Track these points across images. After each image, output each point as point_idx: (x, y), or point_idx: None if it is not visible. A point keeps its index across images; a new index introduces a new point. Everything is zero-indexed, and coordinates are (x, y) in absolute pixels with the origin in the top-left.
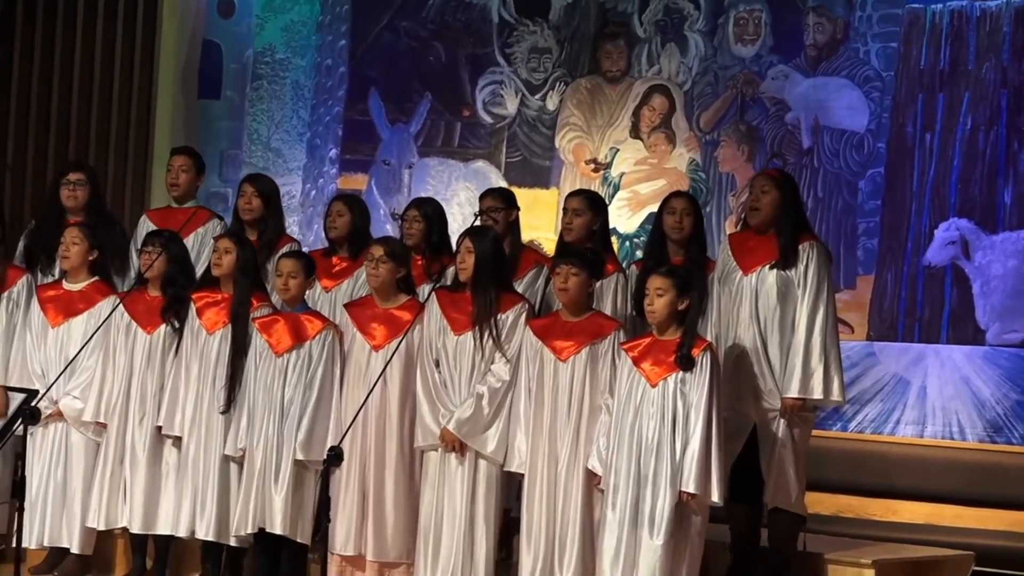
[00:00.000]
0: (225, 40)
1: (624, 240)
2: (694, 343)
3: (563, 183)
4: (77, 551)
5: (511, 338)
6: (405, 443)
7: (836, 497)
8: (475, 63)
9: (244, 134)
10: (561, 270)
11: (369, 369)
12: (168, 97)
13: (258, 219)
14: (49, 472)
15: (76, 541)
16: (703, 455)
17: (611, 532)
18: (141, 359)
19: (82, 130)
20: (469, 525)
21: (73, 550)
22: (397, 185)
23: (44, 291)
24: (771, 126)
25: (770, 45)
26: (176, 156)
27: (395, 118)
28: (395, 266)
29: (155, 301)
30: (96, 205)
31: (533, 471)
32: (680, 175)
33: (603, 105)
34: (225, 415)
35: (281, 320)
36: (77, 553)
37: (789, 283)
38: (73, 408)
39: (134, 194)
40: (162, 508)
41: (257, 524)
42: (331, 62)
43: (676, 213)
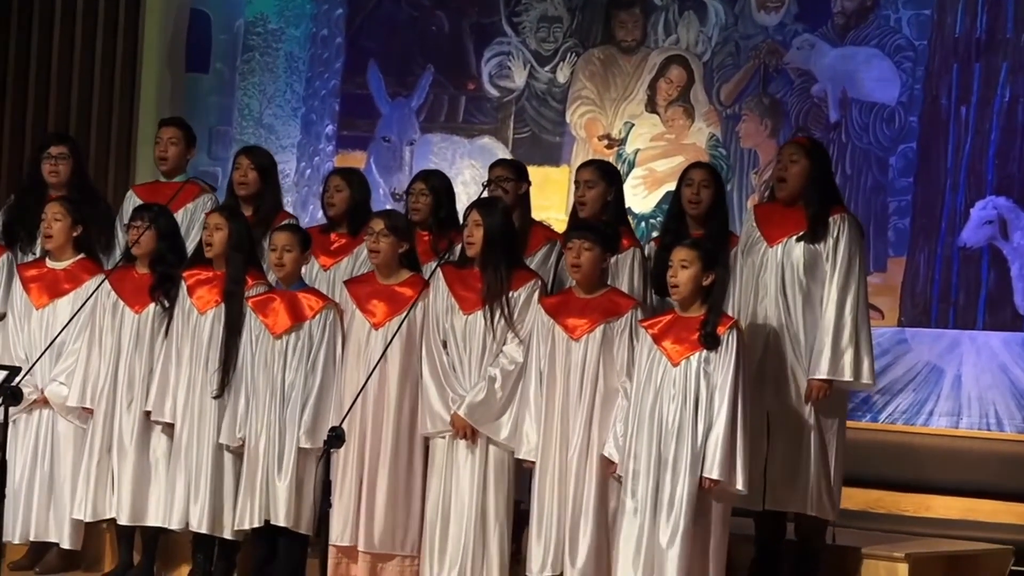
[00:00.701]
0: (214, 9)
1: (640, 221)
2: (719, 320)
3: (574, 160)
4: (67, 546)
5: (524, 317)
6: (403, 428)
7: (866, 492)
8: (481, 33)
9: (234, 109)
10: (573, 245)
11: (368, 348)
12: (153, 70)
13: (254, 194)
14: (35, 463)
15: (65, 535)
16: (728, 440)
17: (630, 521)
18: (129, 340)
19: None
20: (480, 517)
21: (63, 545)
22: (398, 163)
23: (26, 270)
24: (796, 99)
25: (795, 13)
26: (165, 127)
27: (395, 92)
28: (397, 240)
29: (143, 279)
30: (79, 180)
31: (544, 458)
32: (699, 151)
33: (617, 77)
34: (218, 400)
35: (277, 299)
36: (65, 548)
37: (817, 257)
38: (59, 395)
39: (118, 173)
40: (151, 499)
41: (263, 516)
42: (327, 32)
43: (693, 184)
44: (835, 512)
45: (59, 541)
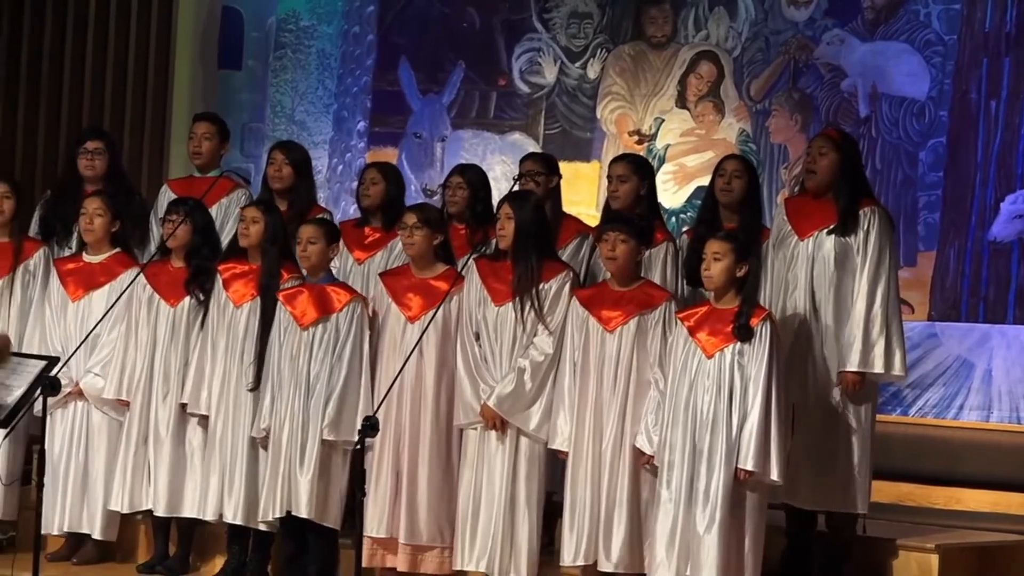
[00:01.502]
0: (246, 6)
1: (670, 216)
2: (753, 312)
3: (605, 155)
4: (100, 537)
5: (554, 309)
6: (441, 420)
7: (897, 485)
8: (511, 29)
9: (267, 106)
10: (608, 237)
11: (404, 341)
12: (186, 68)
13: (288, 188)
14: (70, 455)
15: (98, 526)
16: (762, 431)
17: (665, 512)
18: (164, 333)
19: (96, 101)
20: (510, 507)
21: (95, 536)
22: (429, 159)
23: (63, 264)
24: (826, 94)
25: (825, 8)
26: (199, 123)
27: (427, 88)
28: (430, 232)
29: (179, 272)
30: (115, 174)
31: (578, 449)
32: (729, 146)
33: (647, 73)
34: (254, 392)
35: (305, 291)
36: (98, 539)
37: (848, 249)
38: (94, 386)
39: (151, 168)
40: (187, 490)
41: (284, 508)
42: (359, 29)
43: (726, 174)
44: (865, 504)
45: (92, 532)
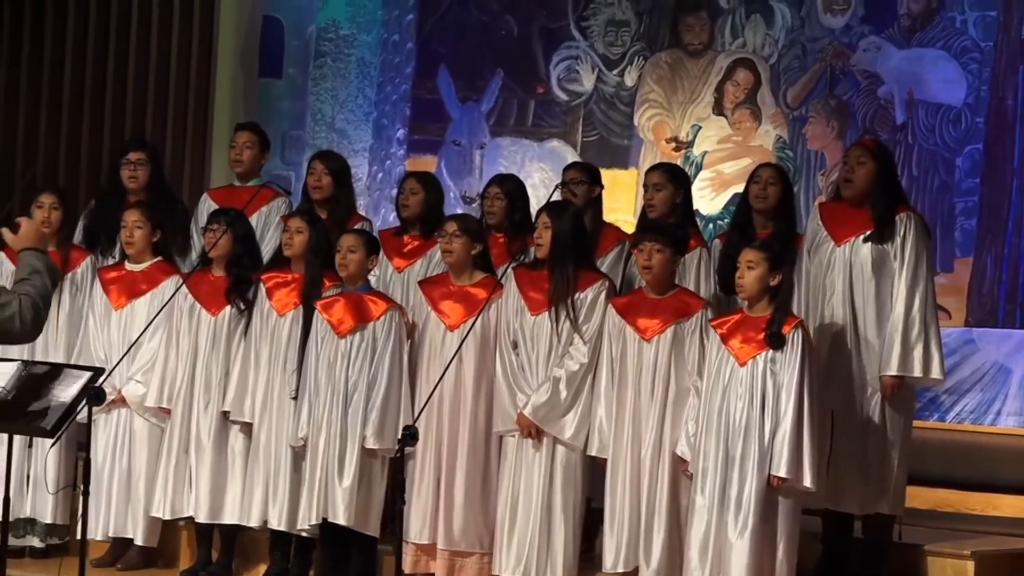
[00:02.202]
0: (286, 15)
1: (707, 222)
2: (785, 320)
3: (643, 163)
4: (141, 543)
5: (590, 318)
6: (479, 427)
7: (933, 491)
8: (549, 37)
9: (307, 114)
10: (644, 247)
11: (443, 349)
12: (227, 76)
13: (328, 198)
14: (113, 461)
15: (140, 532)
16: (795, 438)
17: (700, 518)
18: (206, 342)
19: (138, 109)
20: (546, 514)
21: (137, 541)
22: (468, 167)
23: (106, 273)
24: (862, 101)
25: (861, 15)
26: (240, 132)
27: (465, 96)
28: (470, 241)
29: (219, 282)
30: (157, 184)
31: (617, 455)
32: (766, 153)
33: (684, 80)
34: (296, 400)
35: (343, 300)
36: (141, 545)
37: (885, 256)
38: (136, 394)
39: (193, 177)
40: (228, 497)
41: (320, 514)
42: (398, 37)
43: (761, 181)
44: (900, 507)
45: (135, 538)
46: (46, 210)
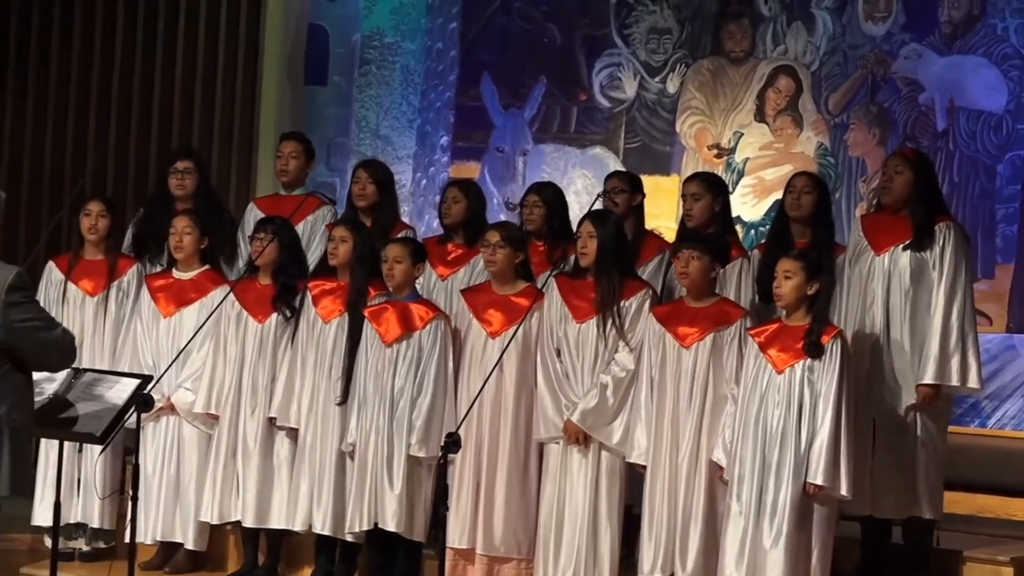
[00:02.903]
0: (332, 24)
1: (749, 229)
2: (823, 329)
3: (684, 169)
4: (191, 546)
5: (635, 326)
6: (520, 434)
7: (974, 497)
8: (592, 45)
9: (352, 121)
10: (682, 255)
11: (485, 356)
12: (273, 83)
13: (372, 206)
14: (162, 466)
15: (190, 536)
16: (832, 447)
17: (735, 524)
18: (252, 349)
19: (185, 117)
20: (592, 520)
21: (187, 545)
22: (511, 173)
23: (154, 280)
24: (904, 108)
25: (902, 23)
26: (286, 142)
27: (509, 103)
28: (512, 251)
29: (266, 290)
30: (204, 192)
31: (655, 462)
32: (808, 160)
33: (726, 88)
34: (342, 407)
35: (390, 309)
36: (190, 549)
37: (924, 265)
38: (185, 400)
39: (239, 183)
40: (275, 501)
41: (371, 521)
42: (442, 45)
43: (795, 191)
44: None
45: (184, 542)
46: (93, 217)
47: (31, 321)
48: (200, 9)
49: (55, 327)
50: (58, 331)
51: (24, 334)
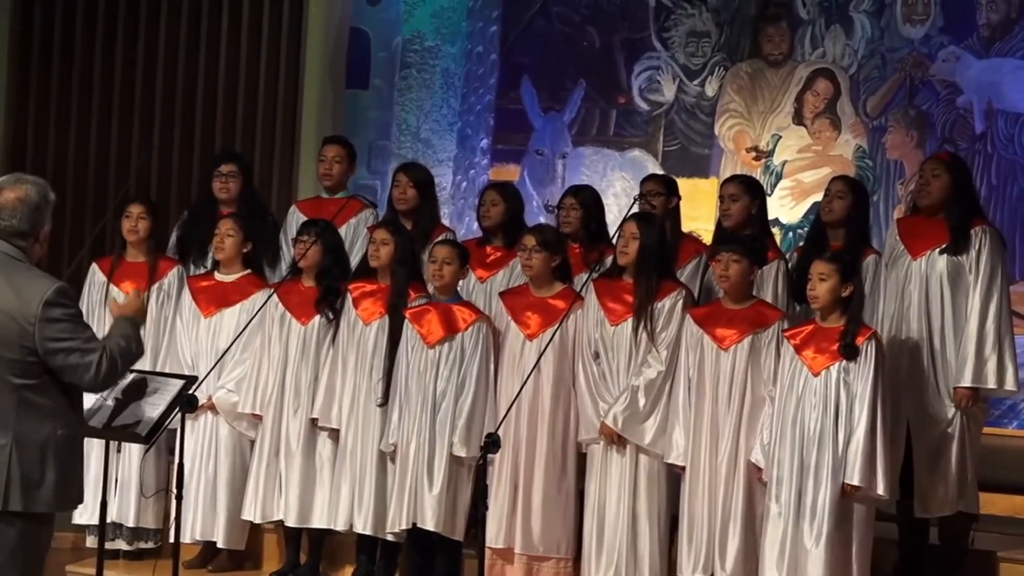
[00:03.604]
0: (373, 28)
1: (787, 231)
2: (858, 331)
3: (723, 172)
4: (224, 545)
5: (667, 326)
6: (557, 435)
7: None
8: (631, 48)
9: (393, 124)
10: (721, 257)
11: (523, 358)
12: (315, 87)
13: (413, 209)
14: (200, 466)
15: (227, 535)
16: (868, 447)
17: (774, 525)
18: (296, 350)
19: (228, 120)
20: (631, 520)
21: (220, 544)
22: (551, 175)
23: (196, 282)
24: (942, 110)
25: (940, 25)
26: (329, 146)
27: (548, 106)
28: (549, 255)
29: (309, 292)
30: (248, 195)
31: (694, 463)
32: (846, 162)
33: (764, 90)
34: (382, 408)
35: (432, 310)
36: (224, 547)
37: (960, 268)
38: (227, 401)
39: (281, 185)
40: (317, 501)
41: (411, 520)
42: (482, 49)
43: (829, 195)
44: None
45: (218, 541)
46: (133, 220)
47: (65, 342)
48: (243, 14)
49: (92, 352)
50: (94, 356)
51: (57, 356)
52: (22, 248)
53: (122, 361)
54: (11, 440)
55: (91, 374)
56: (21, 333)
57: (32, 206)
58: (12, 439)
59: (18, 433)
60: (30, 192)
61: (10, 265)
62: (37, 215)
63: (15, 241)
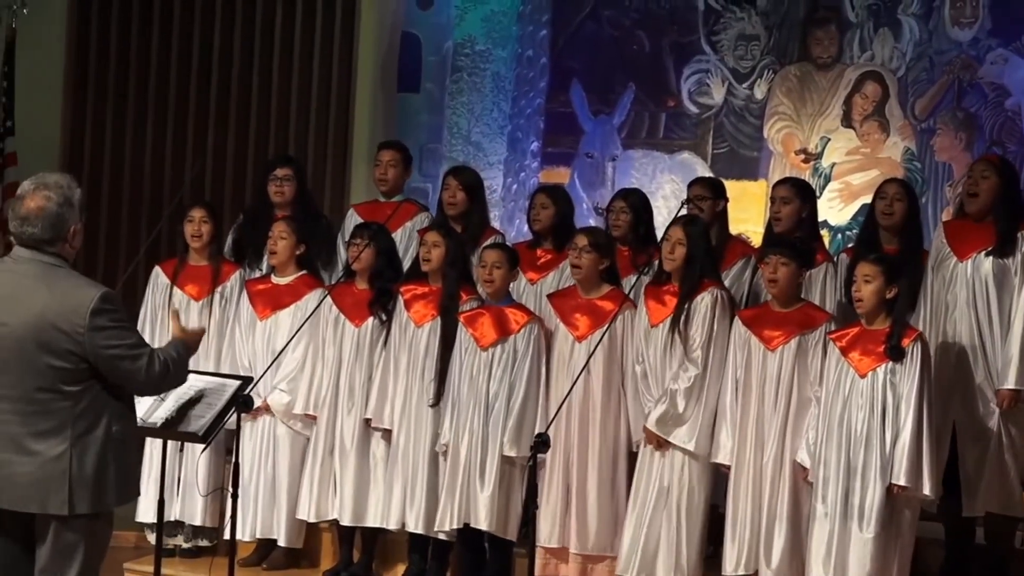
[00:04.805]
0: (424, 32)
1: (836, 233)
2: (904, 333)
3: (772, 174)
4: (285, 544)
5: (700, 325)
6: (608, 435)
7: None
8: (680, 52)
9: (444, 128)
10: (770, 260)
11: (572, 360)
12: (367, 91)
13: (462, 213)
14: (260, 466)
15: (284, 534)
16: (914, 447)
17: (821, 525)
18: (349, 351)
19: (281, 124)
20: (676, 519)
21: (281, 543)
22: (600, 178)
23: (253, 285)
24: (990, 113)
25: (988, 28)
26: (384, 150)
27: (598, 109)
28: (599, 256)
29: (363, 294)
30: (303, 199)
31: (740, 462)
32: (894, 165)
33: (813, 93)
34: (434, 408)
35: (486, 314)
36: (284, 546)
37: (1006, 271)
38: (281, 402)
39: (334, 188)
40: (371, 500)
41: (462, 519)
42: (532, 53)
43: (887, 198)
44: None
45: (279, 539)
46: (196, 224)
47: (114, 349)
48: (296, 20)
49: (140, 356)
50: (143, 360)
51: (108, 362)
52: (54, 253)
53: (173, 367)
54: (69, 446)
55: (142, 378)
56: (70, 343)
57: (52, 215)
58: (70, 445)
59: (75, 438)
60: (49, 200)
61: (50, 273)
62: (59, 221)
63: (44, 248)
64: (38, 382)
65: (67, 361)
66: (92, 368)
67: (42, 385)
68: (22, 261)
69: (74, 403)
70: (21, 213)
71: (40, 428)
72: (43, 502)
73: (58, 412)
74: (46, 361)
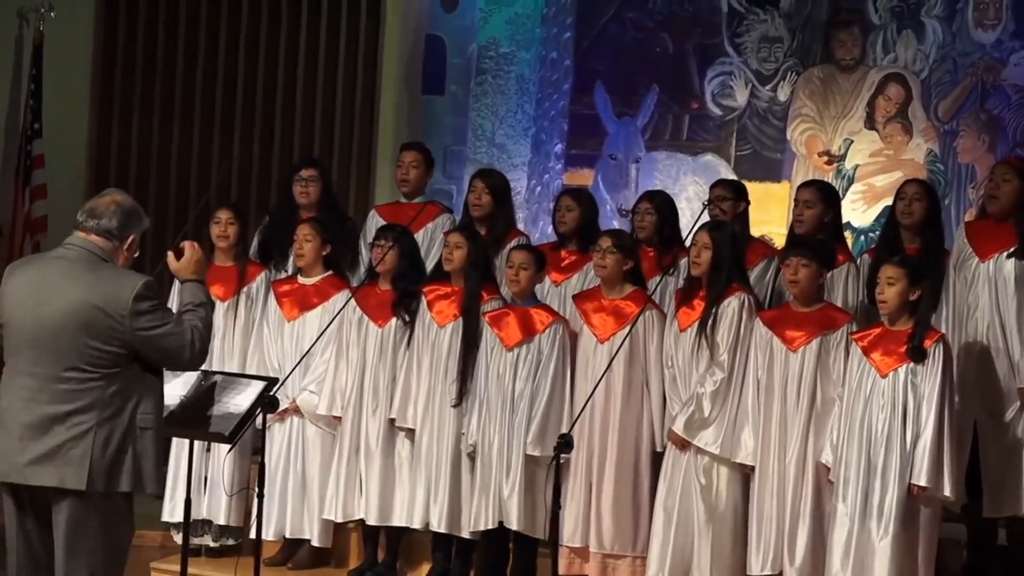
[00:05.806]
0: (448, 34)
1: (859, 234)
2: (926, 334)
3: (795, 176)
4: (317, 543)
5: (728, 329)
6: (629, 435)
7: None
8: (703, 54)
9: (468, 130)
10: (791, 262)
11: (595, 360)
12: (392, 93)
13: (488, 215)
14: (289, 465)
15: (316, 533)
16: (935, 448)
17: (841, 525)
18: (373, 352)
19: (306, 126)
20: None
21: (313, 542)
22: (624, 180)
23: (279, 286)
24: (1013, 115)
25: (1012, 30)
26: (407, 152)
27: (621, 111)
28: (622, 257)
29: (386, 295)
30: (328, 200)
31: (763, 464)
32: (917, 167)
33: (836, 95)
34: (457, 408)
35: (511, 314)
36: (317, 545)
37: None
38: (310, 403)
39: (358, 190)
40: (396, 500)
41: (496, 519)
42: (556, 55)
43: (906, 198)
44: None
45: (311, 539)
46: (222, 225)
47: (156, 328)
48: (321, 23)
49: (183, 334)
50: (185, 338)
51: (150, 341)
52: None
53: (206, 330)
54: (95, 425)
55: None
56: (112, 326)
57: (126, 209)
58: (95, 424)
59: (101, 420)
60: (124, 203)
61: (95, 263)
62: (127, 219)
63: (103, 237)
64: (73, 362)
65: (105, 342)
66: (128, 355)
67: (77, 365)
68: (73, 248)
69: (105, 386)
70: (92, 207)
71: (68, 408)
72: (61, 477)
73: (87, 392)
74: (85, 341)
